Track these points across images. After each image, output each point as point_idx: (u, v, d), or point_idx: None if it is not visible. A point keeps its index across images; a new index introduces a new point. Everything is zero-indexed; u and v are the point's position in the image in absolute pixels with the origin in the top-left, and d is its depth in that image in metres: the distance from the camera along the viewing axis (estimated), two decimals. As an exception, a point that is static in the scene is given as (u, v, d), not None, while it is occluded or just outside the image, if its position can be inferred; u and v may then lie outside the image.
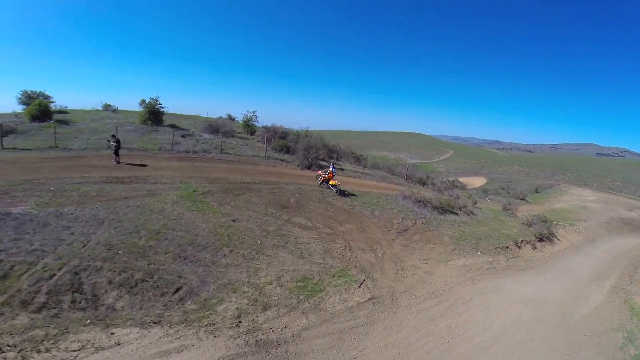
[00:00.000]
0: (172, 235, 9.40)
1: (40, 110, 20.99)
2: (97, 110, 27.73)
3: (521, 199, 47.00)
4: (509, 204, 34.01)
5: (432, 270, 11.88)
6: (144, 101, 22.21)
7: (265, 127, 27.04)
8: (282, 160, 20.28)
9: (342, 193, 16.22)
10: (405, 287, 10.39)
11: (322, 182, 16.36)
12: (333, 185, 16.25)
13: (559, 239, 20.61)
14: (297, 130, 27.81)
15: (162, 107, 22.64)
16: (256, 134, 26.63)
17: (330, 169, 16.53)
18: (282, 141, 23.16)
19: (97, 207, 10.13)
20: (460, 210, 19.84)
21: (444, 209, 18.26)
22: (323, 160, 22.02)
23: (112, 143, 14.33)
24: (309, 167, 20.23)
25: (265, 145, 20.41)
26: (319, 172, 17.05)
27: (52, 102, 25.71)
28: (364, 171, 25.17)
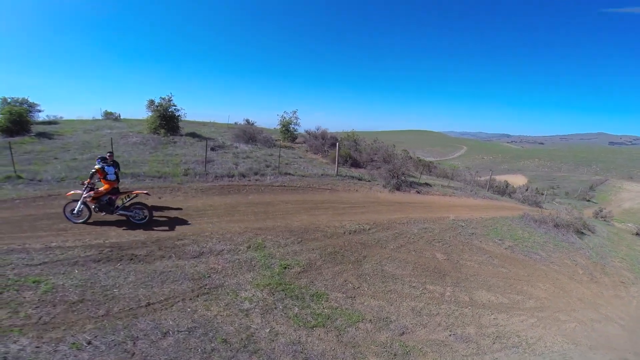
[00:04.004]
0: None
1: (11, 120, 14.66)
2: (96, 120, 21.56)
3: (587, 200, 41.07)
4: (600, 210, 29.21)
5: None
6: (152, 102, 15.79)
7: (308, 132, 20.82)
8: (359, 179, 13.93)
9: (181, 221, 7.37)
10: None
11: (95, 204, 6.85)
12: (134, 209, 6.99)
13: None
14: (349, 135, 21.56)
15: (178, 110, 16.25)
16: (296, 140, 20.45)
17: (97, 166, 6.92)
18: (345, 150, 16.81)
19: (88, 342, 3.85)
20: (584, 227, 16.20)
21: (579, 230, 15.20)
22: (411, 176, 15.68)
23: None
24: (398, 188, 13.95)
25: (336, 162, 14.15)
26: (87, 184, 6.85)
27: (38, 110, 19.79)
28: (450, 184, 19.09)
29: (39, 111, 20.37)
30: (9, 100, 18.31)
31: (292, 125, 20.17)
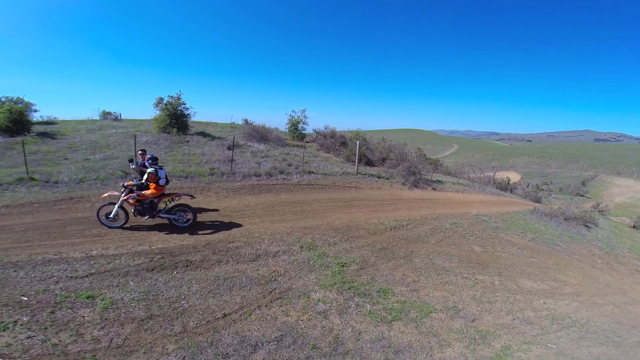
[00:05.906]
0: None
1: (11, 119, 13.83)
2: (94, 120, 20.65)
3: (581, 195, 42.26)
4: (598, 205, 30.17)
5: None
6: (161, 100, 15.29)
7: (317, 131, 20.71)
8: (378, 177, 13.92)
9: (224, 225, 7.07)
10: None
11: (136, 207, 6.54)
12: (177, 211, 6.68)
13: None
14: (358, 134, 21.55)
15: (187, 109, 15.82)
16: (305, 139, 20.29)
17: (150, 170, 6.51)
18: (360, 149, 16.81)
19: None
20: (590, 221, 16.79)
21: (585, 224, 15.84)
22: (424, 174, 15.78)
23: (134, 167, 7.48)
24: (416, 185, 14.01)
25: (357, 161, 14.24)
26: (127, 186, 6.48)
27: (35, 110, 18.90)
28: (459, 182, 19.38)
29: (35, 111, 19.50)
30: (3, 99, 17.43)
31: (301, 125, 19.99)
